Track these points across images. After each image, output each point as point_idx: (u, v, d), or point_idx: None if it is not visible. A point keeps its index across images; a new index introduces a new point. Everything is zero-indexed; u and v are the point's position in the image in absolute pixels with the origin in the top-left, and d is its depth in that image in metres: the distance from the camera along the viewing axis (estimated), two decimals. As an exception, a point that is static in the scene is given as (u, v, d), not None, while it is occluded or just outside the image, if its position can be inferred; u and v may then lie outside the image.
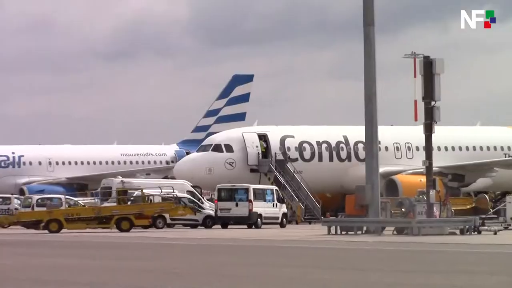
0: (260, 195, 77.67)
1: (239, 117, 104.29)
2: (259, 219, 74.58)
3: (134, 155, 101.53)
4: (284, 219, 77.41)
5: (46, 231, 68.12)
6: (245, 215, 74.57)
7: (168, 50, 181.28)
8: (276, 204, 77.73)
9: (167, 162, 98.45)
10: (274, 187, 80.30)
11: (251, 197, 76.30)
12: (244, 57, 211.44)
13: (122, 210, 71.45)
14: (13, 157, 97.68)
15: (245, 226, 74.77)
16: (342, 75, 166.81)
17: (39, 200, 79.49)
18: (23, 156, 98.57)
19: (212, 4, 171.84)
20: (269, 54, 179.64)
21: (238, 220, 74.49)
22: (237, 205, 75.64)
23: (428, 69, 62.41)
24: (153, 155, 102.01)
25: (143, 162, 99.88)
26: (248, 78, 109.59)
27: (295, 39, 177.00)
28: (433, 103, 62.21)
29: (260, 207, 75.67)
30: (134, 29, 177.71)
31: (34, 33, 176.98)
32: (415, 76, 64.57)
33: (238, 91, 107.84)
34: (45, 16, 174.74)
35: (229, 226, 74.49)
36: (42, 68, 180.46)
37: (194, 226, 76.36)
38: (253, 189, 77.91)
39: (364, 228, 61.30)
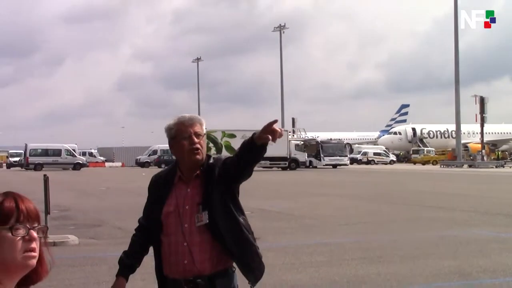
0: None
1: (403, 121, 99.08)
2: None
3: (362, 136, 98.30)
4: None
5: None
6: None
7: (374, 94, 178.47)
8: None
9: (375, 138, 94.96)
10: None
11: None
12: (406, 97, 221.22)
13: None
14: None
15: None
16: (448, 104, 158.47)
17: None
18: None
19: (391, 72, 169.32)
20: (416, 95, 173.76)
21: None
22: None
23: (482, 101, 58.17)
24: (369, 136, 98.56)
25: (365, 138, 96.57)
26: (407, 105, 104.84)
27: (427, 89, 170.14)
28: (484, 115, 57.98)
29: None
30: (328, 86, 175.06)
31: (322, 89, 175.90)
32: (475, 104, 59.74)
33: (403, 110, 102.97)
34: (325, 82, 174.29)
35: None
36: (322, 101, 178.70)
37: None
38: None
39: (455, 165, 57.37)
